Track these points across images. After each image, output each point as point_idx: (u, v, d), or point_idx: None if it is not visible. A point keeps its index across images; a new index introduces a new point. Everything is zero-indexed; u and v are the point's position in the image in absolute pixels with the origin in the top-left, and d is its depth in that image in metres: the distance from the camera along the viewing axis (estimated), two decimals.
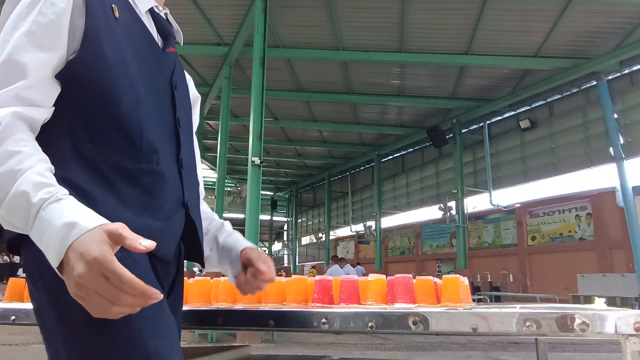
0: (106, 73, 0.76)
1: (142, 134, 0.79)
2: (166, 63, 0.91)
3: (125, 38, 0.81)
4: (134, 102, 0.79)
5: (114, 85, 0.76)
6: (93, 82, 0.75)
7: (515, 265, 14.93)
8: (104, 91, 0.76)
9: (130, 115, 0.78)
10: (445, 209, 14.69)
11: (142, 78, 0.83)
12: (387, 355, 5.69)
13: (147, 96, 0.83)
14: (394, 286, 1.32)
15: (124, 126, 0.77)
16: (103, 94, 0.76)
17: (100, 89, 0.75)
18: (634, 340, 0.99)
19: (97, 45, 0.76)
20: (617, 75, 10.85)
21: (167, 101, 0.90)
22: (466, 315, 1.09)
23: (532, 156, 13.78)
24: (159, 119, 0.85)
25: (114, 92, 0.76)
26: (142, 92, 0.81)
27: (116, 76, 0.77)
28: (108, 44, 0.77)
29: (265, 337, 6.78)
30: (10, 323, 1.37)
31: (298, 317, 1.20)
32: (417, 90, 12.75)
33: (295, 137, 17.45)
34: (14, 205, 0.62)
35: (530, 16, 8.94)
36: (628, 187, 10.35)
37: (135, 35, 0.84)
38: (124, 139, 0.77)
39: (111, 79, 0.76)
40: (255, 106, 7.47)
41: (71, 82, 0.74)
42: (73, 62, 0.74)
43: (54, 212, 0.61)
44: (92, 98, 0.75)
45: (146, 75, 0.84)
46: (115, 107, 0.76)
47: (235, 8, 9.25)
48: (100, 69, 0.76)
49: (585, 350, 5.95)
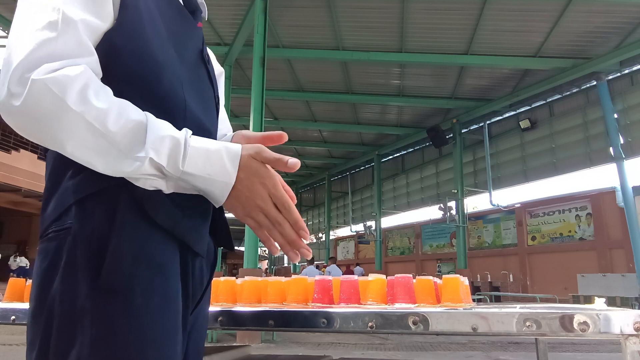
0: (145, 45, 0.68)
1: (185, 113, 0.72)
2: (198, 36, 0.84)
3: (157, 7, 0.74)
4: (176, 77, 0.73)
5: (154, 59, 0.69)
6: (133, 55, 0.67)
7: (515, 265, 14.94)
8: (145, 66, 0.68)
9: (172, 92, 0.71)
10: (445, 209, 14.69)
11: (179, 51, 0.76)
12: (387, 355, 5.69)
13: (187, 72, 0.77)
14: (394, 286, 1.32)
15: (165, 106, 0.70)
16: (144, 69, 0.68)
17: (140, 64, 0.68)
18: (634, 340, 0.99)
19: (136, 14, 0.68)
20: (617, 75, 10.85)
21: (204, 77, 0.83)
22: (466, 315, 1.09)
23: (532, 156, 13.78)
24: (199, 95, 0.79)
25: (155, 66, 0.69)
26: (181, 67, 0.75)
27: (155, 49, 0.70)
28: (145, 12, 0.70)
29: (265, 337, 6.78)
30: (10, 323, 1.37)
31: (298, 317, 1.20)
32: (417, 90, 12.75)
33: (295, 137, 17.44)
34: (160, 144, 0.60)
35: (530, 16, 8.94)
36: (628, 187, 10.35)
37: (165, 5, 0.77)
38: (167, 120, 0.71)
39: (151, 51, 0.69)
40: (255, 106, 7.47)
41: (110, 56, 0.65)
42: (111, 33, 0.66)
43: (199, 141, 0.63)
44: (132, 74, 0.67)
45: (182, 49, 0.77)
46: (157, 84, 0.69)
47: (235, 8, 9.25)
48: (139, 41, 0.68)
49: (585, 350, 5.95)
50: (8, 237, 23.09)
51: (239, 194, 0.65)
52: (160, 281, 0.63)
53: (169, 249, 0.65)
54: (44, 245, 0.63)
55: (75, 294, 0.59)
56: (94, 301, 0.59)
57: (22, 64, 0.56)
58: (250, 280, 1.53)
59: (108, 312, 0.59)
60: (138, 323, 0.60)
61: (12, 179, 17.20)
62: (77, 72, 0.58)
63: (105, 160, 0.59)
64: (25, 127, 0.58)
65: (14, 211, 21.20)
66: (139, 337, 0.59)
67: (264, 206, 0.65)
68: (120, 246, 0.60)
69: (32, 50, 0.57)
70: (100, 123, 0.57)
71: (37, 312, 0.61)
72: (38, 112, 0.56)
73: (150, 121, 0.61)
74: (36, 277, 0.63)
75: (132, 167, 0.59)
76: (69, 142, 0.57)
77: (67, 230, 0.61)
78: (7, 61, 0.58)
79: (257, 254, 7.39)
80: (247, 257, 7.04)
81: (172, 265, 0.66)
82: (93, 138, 0.57)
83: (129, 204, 0.63)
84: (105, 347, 0.57)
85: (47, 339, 0.59)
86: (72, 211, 0.62)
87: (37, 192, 18.58)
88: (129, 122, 0.59)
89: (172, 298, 0.65)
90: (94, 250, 0.60)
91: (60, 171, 0.65)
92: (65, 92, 0.56)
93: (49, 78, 0.56)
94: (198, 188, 0.65)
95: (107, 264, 0.59)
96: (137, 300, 0.60)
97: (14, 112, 0.57)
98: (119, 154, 0.59)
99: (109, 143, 0.58)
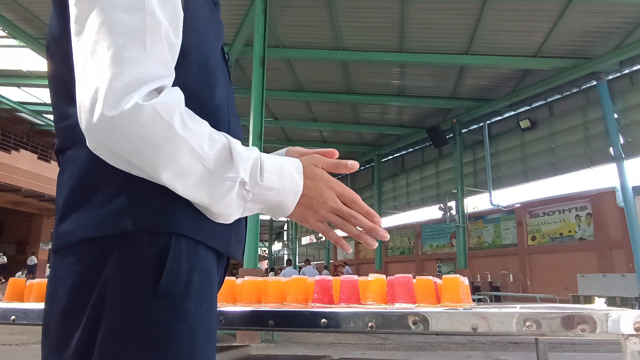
0: (203, 52, 0.66)
1: (229, 123, 0.71)
2: (222, 33, 0.79)
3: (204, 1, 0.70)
4: (224, 87, 0.71)
5: (209, 67, 0.67)
6: (196, 62, 0.64)
7: (515, 265, 14.94)
8: (203, 75, 0.66)
9: (222, 104, 0.70)
10: (445, 209, 14.69)
11: (216, 53, 0.72)
12: (387, 355, 5.70)
13: (225, 78, 0.74)
14: (394, 286, 1.32)
15: (215, 117, 0.67)
16: (203, 78, 0.66)
17: (200, 73, 0.65)
18: (634, 340, 0.99)
19: (196, 15, 0.64)
20: (617, 75, 10.86)
21: (228, 79, 0.77)
22: (466, 315, 1.09)
23: (532, 156, 13.79)
24: (233, 103, 0.76)
25: (211, 77, 0.67)
26: (223, 74, 0.72)
27: (210, 55, 0.67)
28: (198, 11, 0.66)
29: (265, 337, 6.78)
30: (11, 323, 1.37)
31: (298, 317, 1.20)
32: (417, 90, 12.75)
33: (295, 137, 17.45)
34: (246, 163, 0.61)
35: (530, 16, 8.94)
36: (628, 187, 10.36)
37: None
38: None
39: (207, 58, 0.66)
40: (255, 106, 7.47)
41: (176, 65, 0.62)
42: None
43: (266, 155, 0.65)
44: (192, 83, 0.64)
45: (218, 54, 0.73)
46: (212, 95, 0.68)
47: (235, 8, 9.25)
48: (199, 49, 0.65)
49: (585, 350, 5.95)
50: (8, 237, 23.09)
51: (309, 200, 0.67)
52: (208, 287, 0.64)
53: (211, 255, 0.66)
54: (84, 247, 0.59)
55: (129, 297, 0.57)
56: (151, 306, 0.57)
57: (117, 85, 0.53)
58: (250, 280, 1.53)
59: (164, 317, 0.57)
60: (190, 329, 0.60)
61: (12, 179, 17.21)
62: (177, 96, 0.57)
63: (195, 183, 0.58)
64: (122, 151, 0.55)
65: (14, 211, 21.21)
66: (191, 343, 0.59)
67: (337, 206, 0.68)
68: (179, 251, 0.59)
69: (123, 71, 0.53)
70: (200, 147, 0.57)
71: (72, 312, 0.58)
72: (146, 139, 0.53)
73: (231, 141, 0.61)
74: (70, 275, 0.59)
75: (224, 188, 0.59)
76: (170, 168, 0.56)
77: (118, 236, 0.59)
78: (91, 78, 0.54)
79: (257, 254, 7.40)
80: (247, 257, 7.04)
81: (215, 271, 0.67)
82: (193, 162, 0.57)
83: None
84: (159, 354, 0.57)
85: (90, 341, 0.56)
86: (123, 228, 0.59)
87: (37, 192, 18.59)
88: (218, 143, 0.59)
89: (215, 303, 0.66)
90: (153, 254, 0.58)
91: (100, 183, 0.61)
92: (172, 117, 0.55)
93: (158, 103, 0.53)
94: (270, 202, 0.65)
95: (168, 269, 0.58)
96: (191, 307, 0.60)
97: (112, 137, 0.53)
98: (208, 176, 0.58)
99: (203, 166, 0.57)
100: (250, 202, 0.63)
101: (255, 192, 0.62)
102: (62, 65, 0.63)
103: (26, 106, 16.43)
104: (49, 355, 0.60)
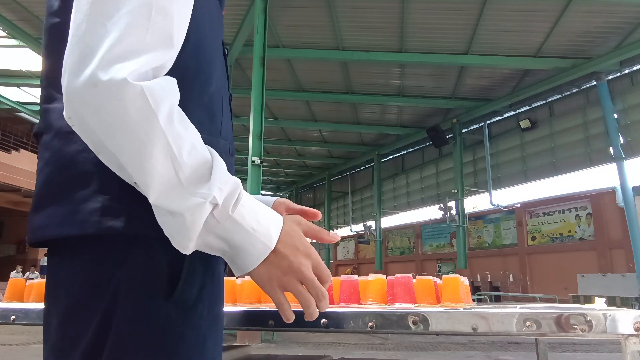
0: (204, 37, 0.63)
1: (222, 116, 0.67)
2: (222, 25, 0.76)
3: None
4: (221, 76, 0.68)
5: (207, 55, 0.64)
6: (193, 47, 0.61)
7: (515, 265, 14.94)
8: (200, 61, 0.63)
9: (217, 96, 0.66)
10: (445, 209, 14.69)
11: (216, 46, 0.69)
12: (387, 355, 5.70)
13: (222, 70, 0.71)
14: (394, 286, 1.32)
15: (210, 106, 0.64)
16: (199, 64, 0.63)
17: (196, 57, 0.62)
18: (634, 340, 0.99)
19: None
20: (617, 75, 10.85)
21: (225, 73, 0.74)
22: (466, 315, 1.09)
23: (532, 156, 13.79)
24: (227, 98, 0.73)
25: (208, 64, 0.65)
26: (220, 65, 0.70)
27: (210, 42, 0.65)
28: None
29: (265, 337, 6.78)
30: (11, 323, 1.37)
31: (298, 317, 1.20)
32: (417, 90, 12.75)
33: (295, 137, 17.45)
34: (224, 184, 0.54)
35: (530, 16, 8.94)
36: (628, 187, 10.36)
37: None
38: (210, 123, 0.64)
39: (206, 45, 0.64)
40: (255, 106, 7.48)
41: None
42: None
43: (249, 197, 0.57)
44: (187, 68, 0.61)
45: (218, 44, 0.70)
46: (208, 82, 0.64)
47: (235, 8, 9.25)
48: (197, 31, 0.62)
49: (585, 350, 5.95)
50: (8, 237, 23.08)
51: (282, 261, 0.57)
52: (219, 290, 0.64)
53: (220, 257, 0.64)
54: (94, 247, 0.57)
55: (143, 301, 0.55)
56: (167, 311, 0.55)
57: (117, 50, 0.49)
58: (250, 280, 1.53)
59: (177, 323, 0.56)
60: (202, 333, 0.59)
61: (12, 179, 17.20)
62: (172, 87, 0.53)
63: (161, 189, 0.51)
64: (94, 124, 0.50)
65: (14, 211, 21.19)
66: (203, 346, 0.59)
67: (309, 277, 0.59)
68: (194, 255, 0.57)
69: (124, 38, 0.50)
70: (178, 150, 0.51)
71: (76, 315, 0.56)
72: (121, 117, 0.49)
73: (216, 160, 0.55)
74: (73, 276, 0.57)
75: (189, 203, 0.51)
76: (136, 158, 0.50)
77: (130, 236, 0.56)
78: (88, 36, 0.50)
79: None
80: None
81: (222, 273, 0.67)
82: (164, 163, 0.50)
83: None
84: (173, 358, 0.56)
85: (98, 346, 0.55)
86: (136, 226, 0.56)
87: None
88: (199, 155, 0.53)
89: (223, 305, 0.66)
90: (168, 258, 0.57)
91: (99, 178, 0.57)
92: (159, 106, 0.50)
93: (147, 86, 0.49)
94: (234, 244, 0.55)
95: (185, 273, 0.57)
96: (204, 312, 0.59)
97: (89, 105, 0.49)
98: (178, 186, 0.51)
99: (175, 172, 0.51)
100: (213, 234, 0.54)
101: (222, 223, 0.53)
102: (59, 41, 0.58)
103: (26, 106, 16.42)
104: (50, 356, 0.58)
